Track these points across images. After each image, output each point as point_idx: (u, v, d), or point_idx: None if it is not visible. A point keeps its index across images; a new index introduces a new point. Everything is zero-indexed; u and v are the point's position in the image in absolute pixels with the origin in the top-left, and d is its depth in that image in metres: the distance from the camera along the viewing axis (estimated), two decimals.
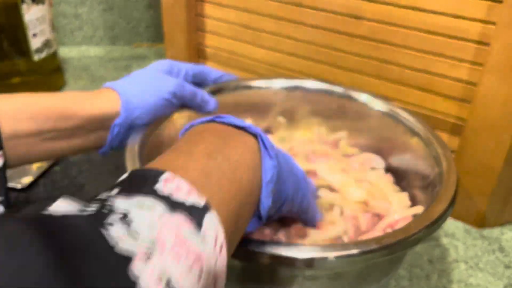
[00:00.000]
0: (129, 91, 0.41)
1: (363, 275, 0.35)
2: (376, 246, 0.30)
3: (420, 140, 0.44)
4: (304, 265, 0.30)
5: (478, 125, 0.48)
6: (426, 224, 0.32)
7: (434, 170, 0.41)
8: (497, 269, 0.47)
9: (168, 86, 0.43)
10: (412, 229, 0.32)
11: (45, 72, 0.76)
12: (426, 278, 0.46)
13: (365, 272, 0.35)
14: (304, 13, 0.58)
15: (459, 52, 0.49)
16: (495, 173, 0.48)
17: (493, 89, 0.45)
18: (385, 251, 0.30)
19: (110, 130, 0.41)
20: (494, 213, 0.52)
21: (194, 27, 0.70)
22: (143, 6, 0.95)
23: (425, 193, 0.41)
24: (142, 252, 0.19)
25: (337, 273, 0.33)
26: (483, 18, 0.46)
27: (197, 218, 0.22)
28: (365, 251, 0.30)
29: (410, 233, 0.32)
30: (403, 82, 0.54)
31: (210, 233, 0.23)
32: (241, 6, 0.64)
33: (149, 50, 0.96)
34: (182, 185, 0.23)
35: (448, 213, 0.35)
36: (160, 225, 0.21)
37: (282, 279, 0.33)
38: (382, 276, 0.37)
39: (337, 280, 0.34)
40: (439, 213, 0.34)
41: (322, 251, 0.30)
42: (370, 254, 0.30)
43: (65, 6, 0.92)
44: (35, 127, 0.38)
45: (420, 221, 0.33)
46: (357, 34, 0.55)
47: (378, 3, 0.52)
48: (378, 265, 0.35)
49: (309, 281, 0.33)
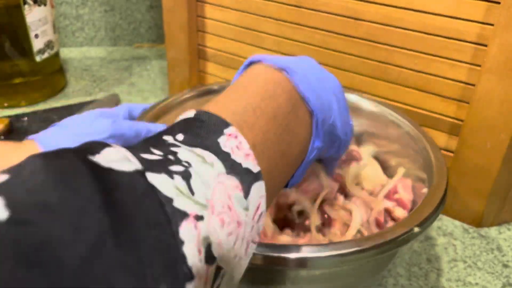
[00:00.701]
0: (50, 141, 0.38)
1: (356, 274, 0.35)
2: (367, 246, 0.31)
3: (409, 136, 0.45)
4: (296, 266, 0.30)
5: (476, 125, 0.48)
6: (418, 221, 0.33)
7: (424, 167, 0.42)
8: (495, 268, 0.47)
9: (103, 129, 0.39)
10: (403, 227, 0.32)
11: (47, 73, 0.76)
12: (424, 277, 0.46)
13: (357, 270, 0.35)
14: (304, 14, 0.58)
15: (457, 53, 0.49)
16: (493, 173, 0.49)
17: (491, 90, 0.46)
18: (376, 251, 0.31)
19: None
20: (492, 212, 0.52)
21: (194, 28, 0.71)
22: (144, 7, 0.96)
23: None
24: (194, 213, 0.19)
25: (330, 273, 0.34)
26: (481, 19, 0.46)
27: (247, 184, 0.23)
28: (357, 251, 0.30)
29: (401, 232, 0.32)
30: (402, 82, 0.54)
31: (254, 201, 0.23)
32: (242, 8, 0.64)
33: (150, 51, 0.97)
34: (243, 145, 0.23)
35: (440, 209, 0.35)
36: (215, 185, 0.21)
37: (275, 279, 0.33)
38: (372, 274, 0.37)
39: (331, 280, 0.34)
40: (429, 212, 0.34)
41: (313, 251, 0.30)
42: (362, 254, 0.30)
43: (66, 7, 0.92)
44: None
45: (412, 219, 0.33)
46: (356, 35, 0.55)
47: (377, 5, 0.52)
48: (368, 264, 0.36)
49: (303, 281, 0.34)
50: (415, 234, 0.32)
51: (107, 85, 0.82)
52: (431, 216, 0.34)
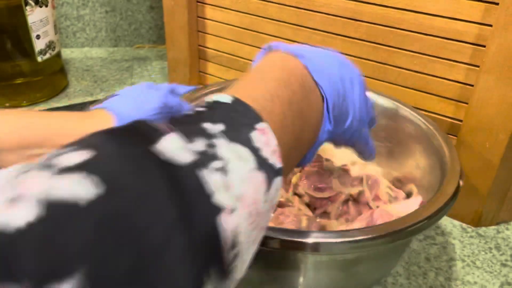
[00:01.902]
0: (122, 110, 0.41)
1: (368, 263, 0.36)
2: (379, 234, 0.31)
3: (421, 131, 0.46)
4: (311, 250, 0.31)
5: (475, 125, 0.48)
6: (431, 212, 0.34)
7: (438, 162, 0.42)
8: (493, 267, 0.48)
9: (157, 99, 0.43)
10: (416, 217, 0.33)
11: (48, 73, 0.76)
12: (423, 276, 0.47)
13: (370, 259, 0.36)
14: (304, 15, 0.59)
15: (456, 53, 0.49)
16: (492, 173, 0.49)
17: (489, 90, 0.46)
18: (388, 239, 0.32)
19: None
20: (491, 212, 0.52)
21: (195, 28, 0.71)
22: (145, 8, 0.96)
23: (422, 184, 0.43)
24: (229, 206, 0.21)
25: (344, 260, 0.34)
26: (479, 20, 0.47)
27: (270, 180, 0.24)
28: (369, 238, 0.31)
29: (414, 221, 0.33)
30: (401, 83, 0.54)
31: (273, 195, 0.25)
32: (242, 9, 0.65)
33: (151, 51, 0.97)
34: (271, 141, 0.25)
35: (453, 201, 0.36)
36: (249, 180, 0.23)
37: (289, 264, 0.34)
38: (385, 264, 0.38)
39: (344, 268, 0.35)
40: (443, 202, 0.35)
41: (326, 237, 0.31)
42: (374, 241, 0.31)
43: (67, 8, 0.93)
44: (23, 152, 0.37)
45: (425, 209, 0.34)
46: (356, 36, 0.56)
47: (376, 5, 0.52)
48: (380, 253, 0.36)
49: (315, 268, 0.34)
50: (427, 224, 0.33)
51: (108, 86, 0.83)
52: (444, 207, 0.35)
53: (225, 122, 0.24)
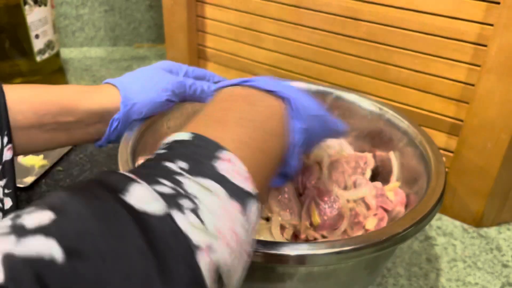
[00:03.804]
0: (129, 87, 0.43)
1: (354, 272, 0.35)
2: (365, 244, 0.31)
3: (407, 136, 0.45)
4: (296, 263, 0.30)
5: (476, 125, 0.48)
6: (415, 220, 0.33)
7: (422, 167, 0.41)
8: (494, 268, 0.48)
9: (167, 83, 0.44)
10: (401, 226, 0.33)
11: (47, 73, 0.76)
12: (424, 277, 0.46)
13: (355, 268, 0.35)
14: (303, 15, 0.59)
15: (457, 53, 0.49)
16: (493, 173, 0.49)
17: (491, 90, 0.46)
18: (374, 248, 0.31)
19: (109, 124, 0.42)
20: (492, 212, 0.52)
21: (194, 28, 0.71)
22: (144, 7, 0.96)
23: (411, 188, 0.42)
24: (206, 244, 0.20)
25: (328, 271, 0.34)
26: (480, 19, 0.46)
27: (247, 206, 0.24)
28: (355, 248, 0.30)
29: (399, 230, 0.32)
30: (401, 82, 0.54)
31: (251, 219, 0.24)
32: (241, 8, 0.64)
33: (150, 50, 0.97)
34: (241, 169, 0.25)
35: (437, 208, 0.35)
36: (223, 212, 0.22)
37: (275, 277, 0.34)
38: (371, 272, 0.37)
39: (329, 278, 0.34)
40: (428, 209, 0.34)
41: (312, 249, 0.30)
42: (359, 251, 0.31)
43: (66, 7, 0.92)
44: (36, 120, 0.39)
45: (409, 217, 0.33)
46: (356, 35, 0.55)
47: (376, 5, 0.52)
48: (367, 262, 0.36)
49: (301, 279, 0.34)
50: (412, 232, 0.32)
51: None
52: (428, 215, 0.34)
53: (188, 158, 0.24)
